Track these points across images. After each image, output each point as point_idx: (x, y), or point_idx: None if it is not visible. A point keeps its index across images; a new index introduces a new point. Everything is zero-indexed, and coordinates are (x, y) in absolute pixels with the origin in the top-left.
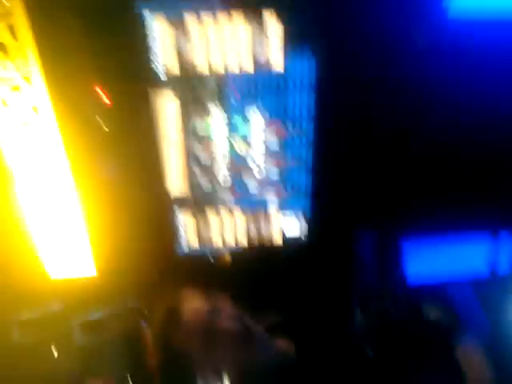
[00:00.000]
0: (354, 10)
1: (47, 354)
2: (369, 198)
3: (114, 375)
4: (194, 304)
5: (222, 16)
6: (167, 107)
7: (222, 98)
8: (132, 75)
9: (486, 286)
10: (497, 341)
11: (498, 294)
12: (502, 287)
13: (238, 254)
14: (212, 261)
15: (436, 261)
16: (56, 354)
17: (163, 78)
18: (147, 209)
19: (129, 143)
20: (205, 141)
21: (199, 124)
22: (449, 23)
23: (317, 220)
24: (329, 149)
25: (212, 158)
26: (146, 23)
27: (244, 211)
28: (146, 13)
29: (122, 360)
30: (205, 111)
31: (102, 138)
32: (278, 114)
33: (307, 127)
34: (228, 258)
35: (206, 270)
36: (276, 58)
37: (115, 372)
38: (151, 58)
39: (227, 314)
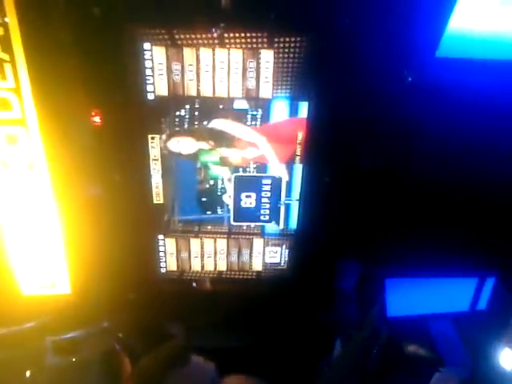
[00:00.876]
0: (345, 48)
1: (19, 372)
2: (354, 232)
3: None
4: None
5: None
6: (156, 130)
7: (209, 125)
8: (123, 97)
9: (465, 321)
10: (476, 374)
11: (477, 329)
12: (482, 322)
13: (218, 279)
14: (192, 284)
15: (417, 295)
16: (28, 373)
17: (152, 97)
18: (128, 230)
19: (115, 164)
20: (191, 167)
21: (187, 150)
22: (436, 61)
23: (300, 249)
24: (315, 182)
25: (196, 185)
26: (139, 49)
27: (226, 237)
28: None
29: (97, 381)
30: (193, 138)
31: (87, 157)
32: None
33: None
34: (207, 281)
35: (184, 292)
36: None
37: None
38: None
39: None
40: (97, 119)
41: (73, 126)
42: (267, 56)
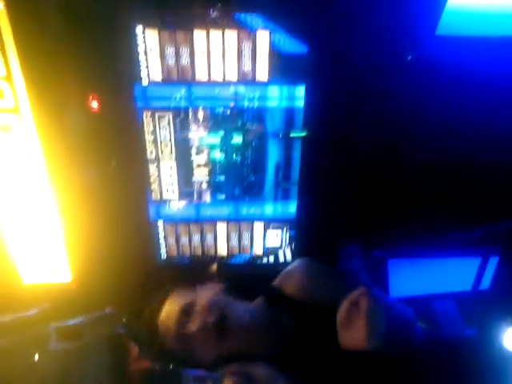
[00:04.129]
0: (344, 26)
1: (24, 358)
2: (355, 214)
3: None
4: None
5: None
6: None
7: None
8: (118, 83)
9: (468, 301)
10: (478, 353)
11: (480, 309)
12: (485, 302)
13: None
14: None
15: (419, 276)
16: (36, 357)
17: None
18: (126, 215)
19: (112, 151)
20: (188, 151)
21: (183, 135)
22: (436, 39)
23: (301, 233)
24: (315, 163)
25: (195, 168)
26: (134, 34)
27: (225, 221)
28: (134, 24)
29: (102, 366)
30: (189, 123)
31: (84, 145)
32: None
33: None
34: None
35: (183, 277)
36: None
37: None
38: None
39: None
40: (94, 104)
41: (67, 112)
42: (263, 37)
